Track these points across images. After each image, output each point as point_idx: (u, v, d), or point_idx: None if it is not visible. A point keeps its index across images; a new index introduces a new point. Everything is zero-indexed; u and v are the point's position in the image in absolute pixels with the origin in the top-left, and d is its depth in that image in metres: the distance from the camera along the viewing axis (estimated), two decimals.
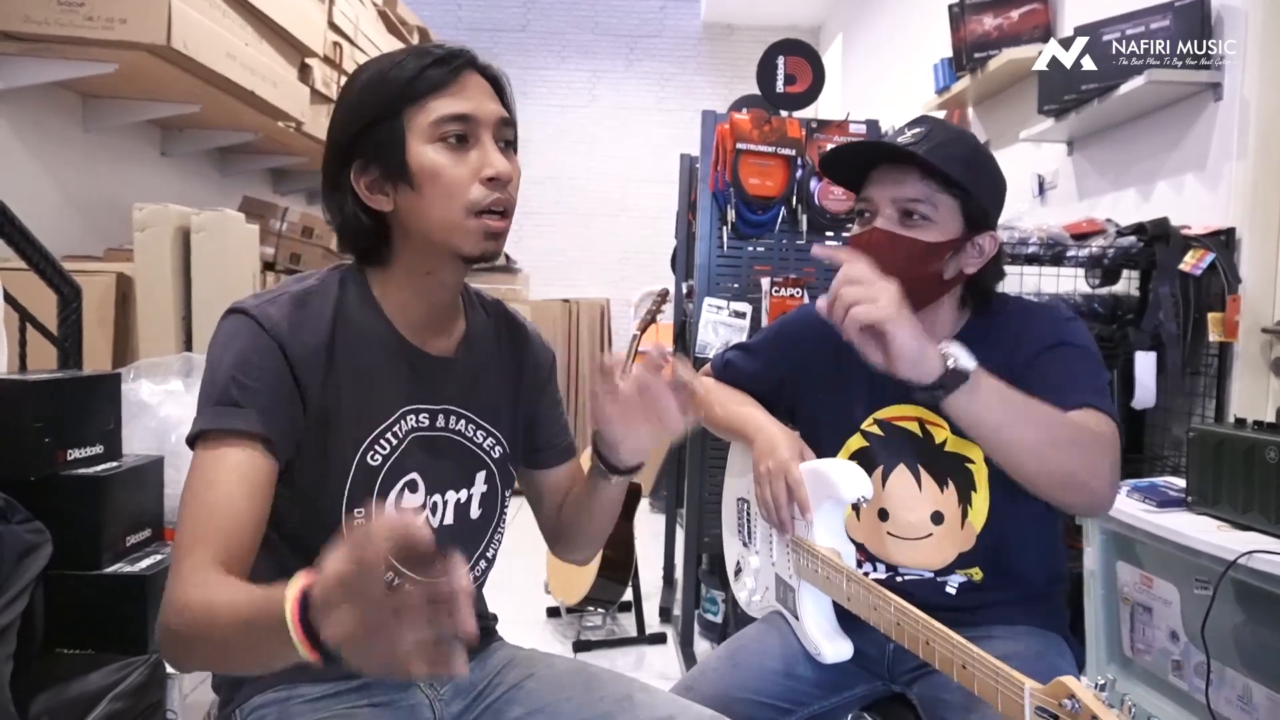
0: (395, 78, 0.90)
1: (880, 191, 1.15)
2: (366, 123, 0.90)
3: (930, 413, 1.19)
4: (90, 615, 1.33)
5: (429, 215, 0.90)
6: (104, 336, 2.26)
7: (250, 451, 0.85)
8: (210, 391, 0.87)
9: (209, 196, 3.63)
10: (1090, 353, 1.16)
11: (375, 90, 0.90)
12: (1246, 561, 1.27)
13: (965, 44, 3.11)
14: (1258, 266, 2.01)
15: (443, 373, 1.00)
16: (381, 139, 0.89)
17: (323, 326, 0.91)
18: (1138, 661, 1.64)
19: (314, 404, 0.90)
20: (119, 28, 2.24)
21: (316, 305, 0.92)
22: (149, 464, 1.49)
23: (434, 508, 1.00)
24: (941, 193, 1.13)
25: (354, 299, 0.95)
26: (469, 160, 0.90)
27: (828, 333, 1.22)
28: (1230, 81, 2.10)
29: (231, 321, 0.90)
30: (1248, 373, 2.01)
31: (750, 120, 2.33)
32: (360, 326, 0.94)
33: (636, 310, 3.28)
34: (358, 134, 0.91)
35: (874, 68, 5.20)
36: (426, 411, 0.98)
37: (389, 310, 0.96)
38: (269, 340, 0.88)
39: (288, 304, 0.91)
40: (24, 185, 2.56)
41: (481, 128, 0.91)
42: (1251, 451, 1.40)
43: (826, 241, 2.45)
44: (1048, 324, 1.18)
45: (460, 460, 1.02)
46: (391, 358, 0.96)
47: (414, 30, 4.79)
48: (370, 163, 0.91)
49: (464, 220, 0.90)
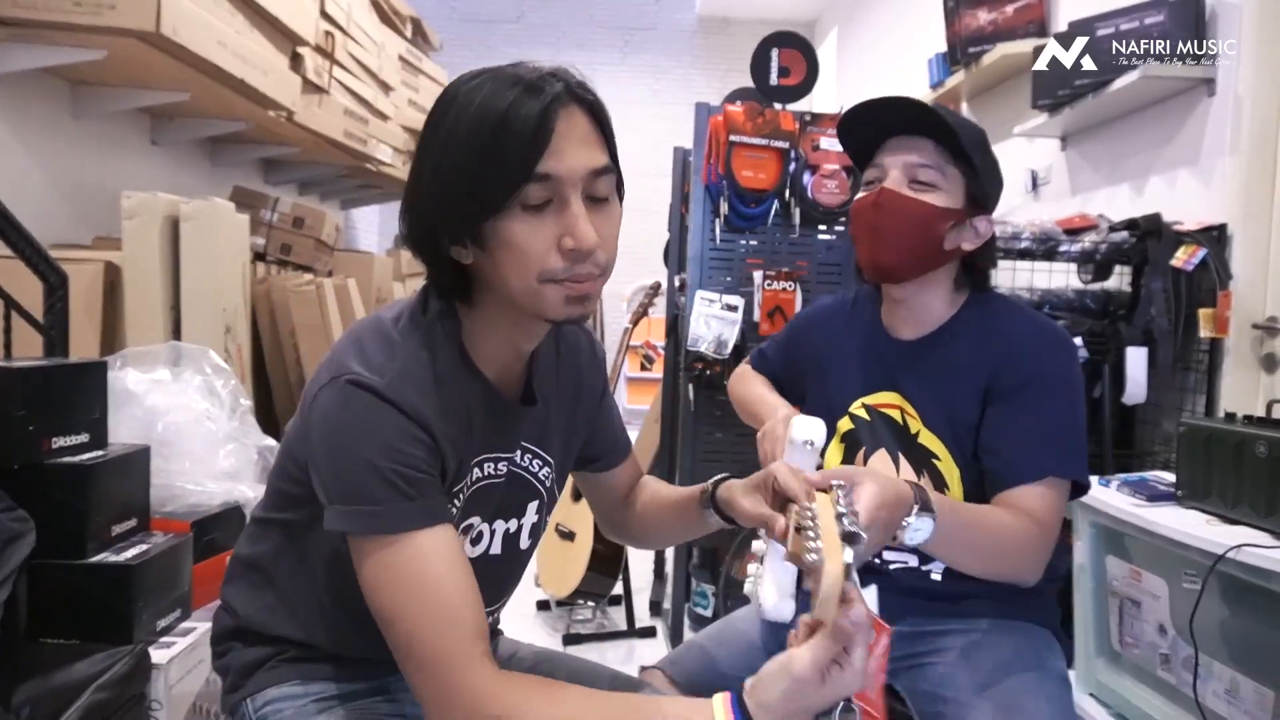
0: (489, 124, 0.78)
1: (892, 157, 1.18)
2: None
3: (907, 402, 1.21)
4: (75, 605, 1.32)
5: (506, 280, 0.82)
6: (91, 325, 2.24)
7: (439, 531, 0.80)
8: (367, 484, 0.79)
9: (199, 186, 3.61)
10: (1069, 390, 1.14)
11: (469, 141, 0.79)
12: (1235, 555, 1.28)
13: (959, 38, 3.11)
14: (1249, 262, 2.01)
15: (520, 417, 0.95)
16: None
17: (441, 395, 0.84)
18: (1126, 655, 1.64)
19: (447, 473, 0.86)
20: (108, 14, 2.22)
21: (432, 369, 0.85)
22: (135, 453, 1.48)
23: (478, 537, 0.95)
24: (950, 164, 1.16)
25: (453, 353, 0.88)
26: (548, 226, 0.80)
27: (826, 324, 1.34)
28: (1224, 77, 2.11)
29: (364, 401, 0.80)
30: (1238, 368, 2.01)
31: (744, 113, 2.32)
32: (462, 384, 0.88)
33: (629, 303, 3.27)
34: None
35: (868, 62, 5.20)
36: (501, 459, 0.94)
37: (480, 361, 0.90)
38: (415, 426, 0.81)
39: (418, 379, 0.83)
40: (12, 172, 2.54)
41: (568, 188, 0.79)
42: (1241, 446, 1.40)
43: (819, 234, 2.44)
44: (1038, 349, 1.15)
45: (517, 493, 0.98)
46: (482, 412, 0.90)
47: (407, 20, 4.76)
48: (450, 217, 0.82)
49: (541, 288, 0.81)
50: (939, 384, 1.18)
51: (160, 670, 1.33)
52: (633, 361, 5.28)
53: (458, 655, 0.76)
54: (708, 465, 2.37)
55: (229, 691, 0.98)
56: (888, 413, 1.23)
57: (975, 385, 1.15)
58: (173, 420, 1.63)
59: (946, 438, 1.17)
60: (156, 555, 1.39)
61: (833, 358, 1.30)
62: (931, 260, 1.18)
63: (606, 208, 0.84)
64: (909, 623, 1.21)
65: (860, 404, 1.25)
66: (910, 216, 1.15)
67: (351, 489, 0.79)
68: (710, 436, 2.38)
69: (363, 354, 0.83)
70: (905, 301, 1.22)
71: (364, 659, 0.96)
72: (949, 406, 1.17)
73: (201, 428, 1.68)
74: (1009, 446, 1.12)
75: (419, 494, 0.80)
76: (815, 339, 1.34)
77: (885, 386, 1.23)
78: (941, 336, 1.21)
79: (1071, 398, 1.14)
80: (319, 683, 0.95)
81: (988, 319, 1.20)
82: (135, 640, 1.32)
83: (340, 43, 3.69)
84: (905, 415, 1.22)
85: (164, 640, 1.40)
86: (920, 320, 1.22)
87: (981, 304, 1.22)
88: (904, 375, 1.22)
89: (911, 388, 1.21)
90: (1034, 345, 1.15)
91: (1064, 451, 1.12)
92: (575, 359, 1.05)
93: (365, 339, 0.85)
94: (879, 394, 1.24)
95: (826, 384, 1.30)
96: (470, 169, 0.78)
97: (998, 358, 1.15)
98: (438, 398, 0.83)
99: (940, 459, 1.17)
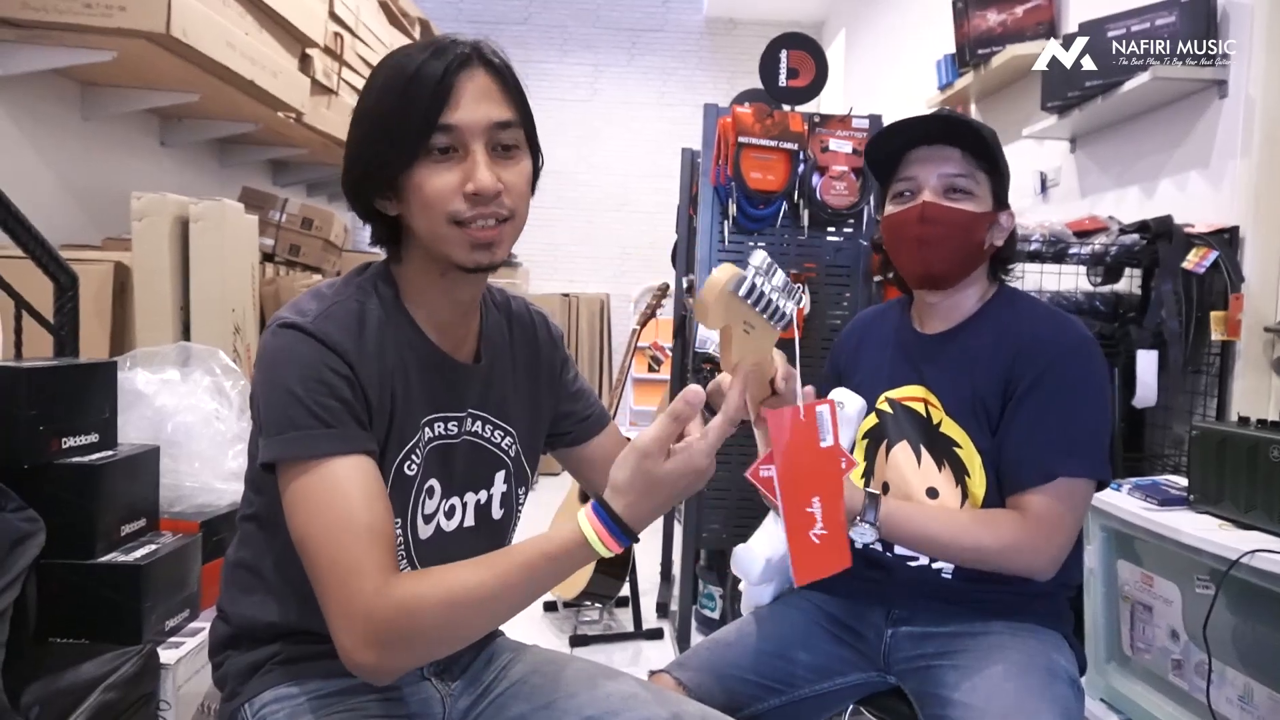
0: (396, 84, 0.87)
1: (924, 169, 1.22)
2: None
3: (930, 393, 1.24)
4: (84, 605, 1.32)
5: (418, 225, 0.89)
6: (101, 326, 2.25)
7: (358, 459, 0.84)
8: (288, 413, 0.83)
9: (208, 187, 3.62)
10: (1084, 388, 1.15)
11: (381, 99, 0.88)
12: (1249, 561, 1.27)
13: (968, 40, 3.10)
14: (1261, 265, 2.00)
15: (466, 378, 0.99)
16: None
17: (373, 341, 0.89)
18: (1137, 660, 1.63)
19: (375, 417, 0.88)
20: (118, 15, 2.23)
21: (366, 317, 0.90)
22: (145, 453, 1.48)
23: (451, 510, 0.98)
24: (979, 170, 1.22)
25: (390, 308, 0.93)
26: (453, 173, 0.87)
27: (856, 331, 1.41)
28: (1235, 78, 2.09)
29: (289, 337, 0.86)
30: (1250, 371, 2.00)
31: (752, 114, 2.32)
32: (399, 338, 0.93)
33: (636, 305, 3.26)
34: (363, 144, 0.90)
35: (876, 63, 5.19)
36: (449, 419, 0.97)
37: (418, 316, 0.95)
38: (334, 357, 0.85)
39: (341, 319, 0.88)
40: (22, 173, 2.55)
41: (470, 136, 0.86)
42: (1254, 450, 1.39)
43: (828, 235, 2.44)
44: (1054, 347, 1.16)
45: (480, 462, 1.01)
46: (423, 367, 0.94)
47: (415, 22, 4.77)
48: (370, 170, 0.90)
49: (448, 232, 0.88)
50: (960, 372, 1.21)
51: (169, 670, 1.32)
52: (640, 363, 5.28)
53: (354, 564, 0.79)
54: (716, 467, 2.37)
55: (227, 699, 0.99)
56: (911, 405, 1.25)
57: (994, 374, 1.18)
58: (182, 421, 1.63)
59: (969, 425, 1.19)
60: (165, 555, 1.39)
61: (860, 358, 1.36)
62: (975, 262, 1.25)
63: (513, 159, 0.90)
64: (920, 624, 1.20)
65: (885, 398, 1.28)
66: (955, 225, 1.20)
67: (277, 417, 0.84)
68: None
69: (296, 305, 0.90)
70: (942, 301, 1.27)
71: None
72: (970, 394, 1.19)
73: (210, 428, 1.68)
74: (1017, 449, 1.15)
75: (337, 422, 0.83)
76: (849, 346, 1.40)
77: (910, 380, 1.27)
78: (966, 328, 1.25)
79: (1085, 395, 1.15)
80: (314, 681, 0.95)
81: (1011, 312, 1.24)
82: (144, 640, 1.32)
83: (349, 44, 3.70)
84: (928, 406, 1.24)
85: (172, 640, 1.40)
86: (950, 316, 1.27)
87: (1008, 298, 1.27)
88: (928, 366, 1.25)
89: (934, 377, 1.24)
90: (1050, 343, 1.17)
91: (1074, 451, 1.13)
92: (529, 335, 1.09)
93: (302, 296, 0.93)
94: (904, 388, 1.27)
95: (857, 381, 1.33)
96: (383, 124, 0.87)
97: (1016, 351, 1.18)
98: (362, 339, 0.88)
99: (961, 446, 1.19)
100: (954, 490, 1.20)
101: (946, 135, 1.21)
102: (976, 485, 1.18)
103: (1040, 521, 1.11)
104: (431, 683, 1.01)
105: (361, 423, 0.86)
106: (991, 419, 1.18)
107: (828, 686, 1.22)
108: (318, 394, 0.83)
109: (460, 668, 1.04)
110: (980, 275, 1.27)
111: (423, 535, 0.96)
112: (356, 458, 0.84)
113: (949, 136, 1.21)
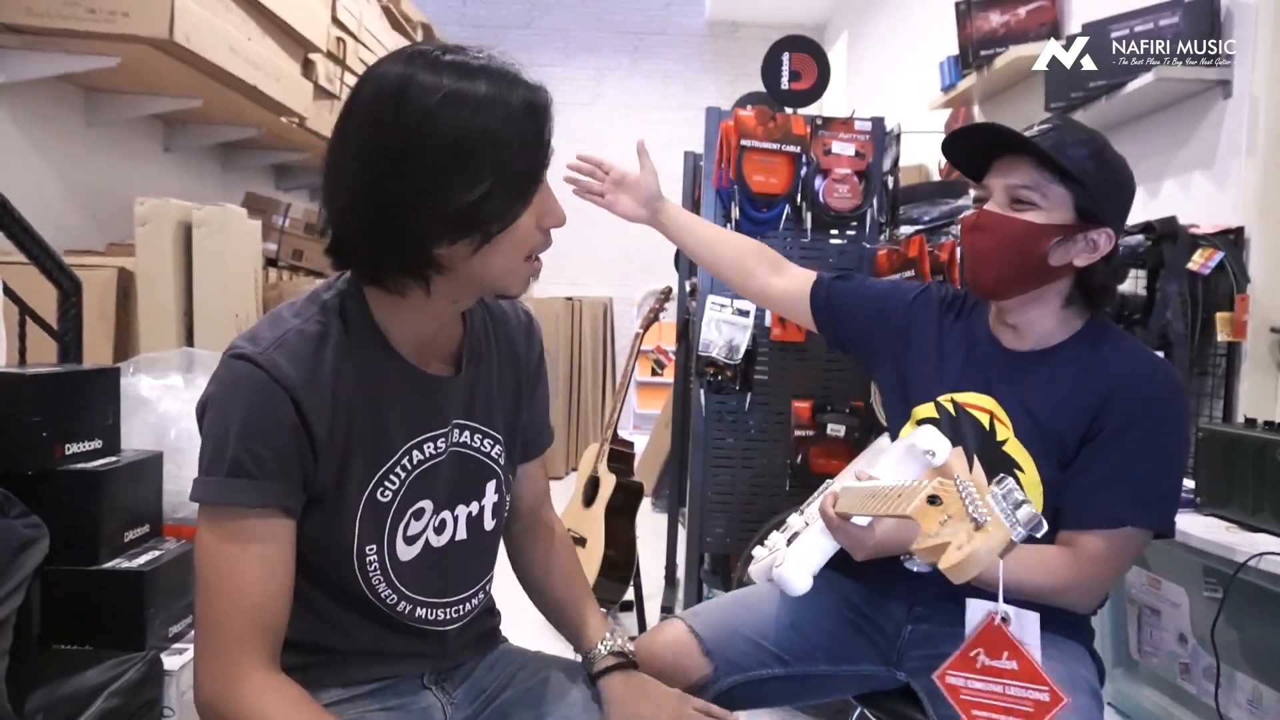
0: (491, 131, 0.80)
1: (995, 179, 1.19)
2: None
3: (1001, 409, 1.20)
4: (87, 611, 1.32)
5: (493, 263, 0.86)
6: (105, 331, 2.25)
7: (269, 522, 0.83)
8: (218, 454, 0.81)
9: (211, 192, 3.63)
10: (1174, 438, 1.14)
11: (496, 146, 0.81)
12: (1257, 564, 1.26)
13: (971, 41, 3.09)
14: (1267, 265, 1.99)
15: (447, 391, 0.95)
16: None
17: (330, 369, 0.85)
18: (1145, 664, 1.62)
19: (324, 452, 0.85)
20: (121, 21, 2.24)
21: (323, 343, 0.86)
22: (148, 459, 1.48)
23: (441, 525, 0.96)
24: (1054, 182, 1.14)
25: (357, 329, 0.89)
26: (532, 208, 0.86)
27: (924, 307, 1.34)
28: (1239, 79, 2.08)
29: (237, 370, 0.83)
30: (1256, 372, 1.99)
31: (755, 117, 2.31)
32: (367, 361, 0.88)
33: (639, 308, 3.26)
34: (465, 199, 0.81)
35: (879, 65, 5.18)
36: (436, 437, 0.94)
37: (394, 335, 0.90)
38: (280, 394, 0.82)
39: (296, 345, 0.84)
40: (26, 179, 2.55)
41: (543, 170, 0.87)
42: (1262, 452, 1.38)
43: (831, 238, 2.43)
44: (1149, 394, 1.14)
45: (470, 473, 0.98)
46: (398, 388, 0.91)
47: (418, 26, 4.78)
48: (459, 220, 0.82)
49: (521, 266, 0.89)
50: (1042, 400, 1.18)
51: (172, 677, 1.32)
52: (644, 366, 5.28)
53: (228, 641, 0.81)
54: (718, 469, 2.37)
55: None
56: (975, 414, 1.23)
57: (1079, 412, 1.15)
58: (185, 427, 1.63)
59: (1037, 452, 1.17)
60: (169, 561, 1.39)
61: (927, 342, 1.30)
62: (1035, 277, 1.17)
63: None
64: (939, 623, 1.20)
65: (949, 398, 1.25)
66: (1005, 234, 1.16)
67: (207, 456, 0.83)
68: (722, 442, 2.37)
69: (252, 332, 0.87)
70: (1011, 313, 1.22)
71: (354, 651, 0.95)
72: (1047, 424, 1.17)
73: None
74: (1090, 490, 1.13)
75: (260, 473, 0.82)
76: (909, 314, 1.33)
77: (979, 388, 1.23)
78: (1054, 355, 1.20)
79: (1170, 451, 1.14)
80: (315, 691, 0.93)
81: (1104, 347, 1.19)
82: (148, 646, 1.32)
83: (352, 49, 3.71)
84: (995, 420, 1.21)
85: (176, 646, 1.39)
86: (1026, 334, 1.22)
87: (1099, 330, 1.21)
88: (1004, 383, 1.22)
89: (1010, 397, 1.20)
90: (1145, 390, 1.14)
91: (1150, 504, 1.12)
92: (511, 333, 1.05)
93: (261, 321, 0.90)
94: (971, 394, 1.24)
95: (909, 364, 1.30)
96: (498, 173, 0.81)
97: (1108, 394, 1.14)
98: (316, 370, 0.84)
99: (1024, 471, 1.17)
100: None
101: (1021, 145, 1.16)
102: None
103: (1095, 563, 1.11)
104: (432, 691, 1.00)
105: (289, 475, 0.83)
106: (1065, 454, 1.16)
107: (836, 670, 1.23)
108: (250, 440, 0.81)
109: (462, 676, 1.04)
110: (1051, 296, 1.19)
111: (404, 557, 0.93)
112: (271, 518, 0.83)
113: (1021, 146, 1.16)
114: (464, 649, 1.03)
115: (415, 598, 0.95)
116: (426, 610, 0.96)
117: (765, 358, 2.35)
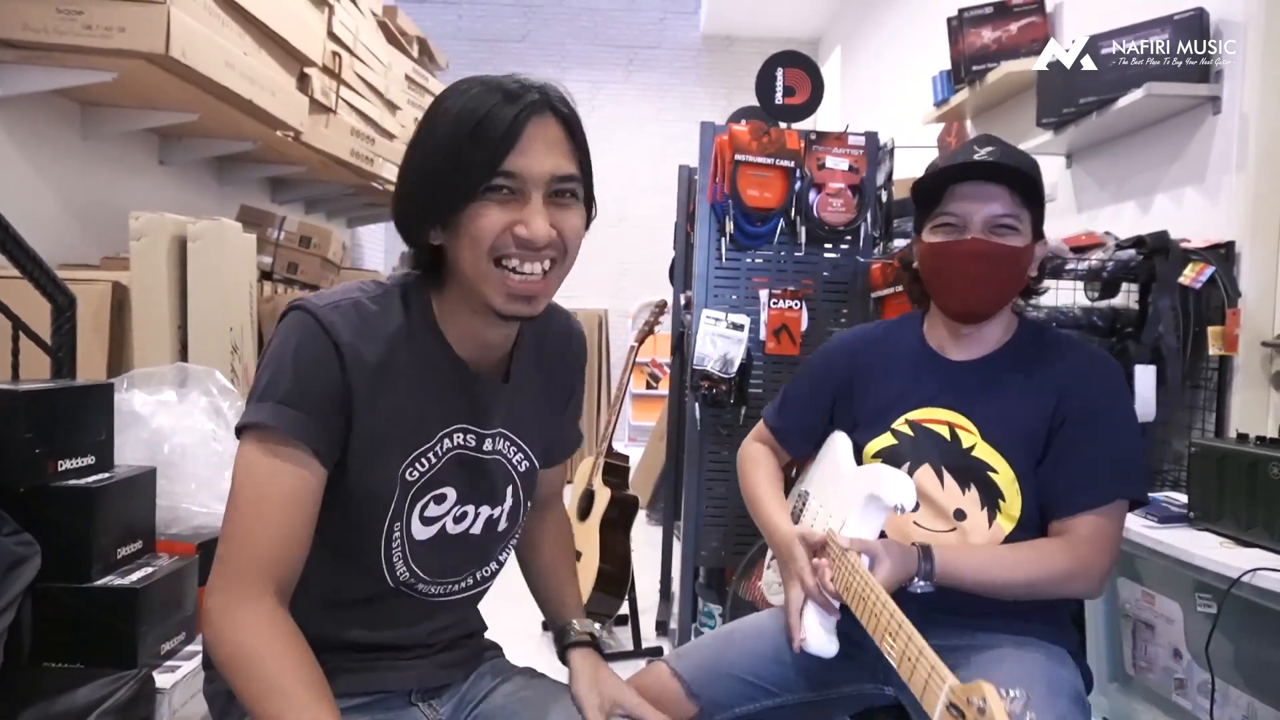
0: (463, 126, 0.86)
1: (971, 206, 1.22)
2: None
3: (963, 418, 1.24)
4: (79, 628, 1.31)
5: (463, 260, 0.89)
6: (99, 346, 2.24)
7: (302, 464, 0.86)
8: (274, 385, 0.86)
9: (207, 205, 3.63)
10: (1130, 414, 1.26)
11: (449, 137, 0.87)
12: (1250, 579, 1.26)
13: (964, 56, 3.12)
14: (1258, 280, 2.00)
15: (495, 397, 0.99)
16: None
17: (383, 342, 0.90)
18: (1139, 679, 1.62)
19: (361, 418, 0.89)
20: (118, 36, 2.24)
21: (380, 319, 0.91)
22: (141, 475, 1.48)
23: (462, 516, 0.99)
24: (1023, 207, 1.22)
25: (417, 317, 0.94)
26: (506, 213, 0.87)
27: (858, 350, 1.38)
28: (1229, 94, 2.10)
29: (296, 318, 0.89)
30: (1248, 386, 2.00)
31: (749, 131, 2.33)
32: (420, 346, 0.93)
33: (634, 321, 3.27)
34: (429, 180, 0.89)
35: (873, 80, 5.22)
36: (474, 434, 0.98)
37: (450, 334, 0.95)
38: (329, 345, 0.87)
39: (353, 313, 0.90)
40: (22, 193, 2.55)
41: (531, 185, 0.87)
42: (1254, 468, 1.39)
43: (825, 252, 2.44)
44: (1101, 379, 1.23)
45: (497, 479, 1.01)
46: (446, 381, 0.95)
47: (414, 41, 4.80)
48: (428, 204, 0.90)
49: (488, 269, 0.87)
50: (1005, 403, 1.23)
51: (164, 694, 1.32)
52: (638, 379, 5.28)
53: (243, 559, 0.84)
54: (713, 483, 2.36)
55: (218, 718, 0.98)
56: (934, 428, 1.26)
57: (1043, 405, 1.21)
58: (179, 442, 1.63)
59: (1012, 453, 1.21)
60: (162, 578, 1.39)
61: (870, 379, 1.34)
62: (1014, 295, 1.27)
63: (569, 209, 0.91)
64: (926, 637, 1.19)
65: (904, 420, 1.28)
66: (1004, 262, 1.21)
67: (260, 388, 0.87)
68: (716, 454, 2.37)
69: (318, 293, 0.93)
70: (974, 329, 1.27)
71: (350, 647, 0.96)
72: (1016, 423, 1.22)
73: (207, 449, 1.67)
74: (1074, 476, 1.19)
75: (304, 409, 0.86)
76: (854, 364, 1.36)
77: (935, 403, 1.27)
78: (999, 358, 1.27)
79: (1128, 421, 1.24)
80: None
81: (1048, 344, 1.27)
82: (140, 664, 1.31)
83: (347, 63, 3.72)
84: (956, 430, 1.25)
85: (168, 664, 1.39)
86: (977, 344, 1.28)
87: (1034, 329, 1.30)
88: (962, 393, 1.26)
89: (972, 405, 1.25)
90: (1093, 376, 1.22)
91: (1130, 474, 1.20)
92: (559, 352, 1.10)
93: (334, 288, 0.95)
94: (926, 409, 1.27)
95: (869, 401, 1.33)
96: (448, 161, 0.86)
97: (1064, 385, 1.21)
98: (369, 339, 0.89)
99: (998, 472, 1.21)
100: (980, 512, 1.21)
101: (996, 174, 1.21)
102: (1011, 509, 1.20)
103: (1092, 543, 1.16)
104: (419, 708, 1.01)
105: (329, 420, 0.87)
106: (1037, 446, 1.21)
107: (824, 695, 1.22)
108: (299, 378, 0.86)
109: (449, 694, 1.04)
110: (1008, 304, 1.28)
111: (419, 536, 0.96)
112: (305, 454, 0.86)
113: (998, 176, 1.21)
114: (451, 669, 1.04)
115: (424, 577, 0.98)
116: (429, 586, 0.99)
117: (760, 371, 2.35)
